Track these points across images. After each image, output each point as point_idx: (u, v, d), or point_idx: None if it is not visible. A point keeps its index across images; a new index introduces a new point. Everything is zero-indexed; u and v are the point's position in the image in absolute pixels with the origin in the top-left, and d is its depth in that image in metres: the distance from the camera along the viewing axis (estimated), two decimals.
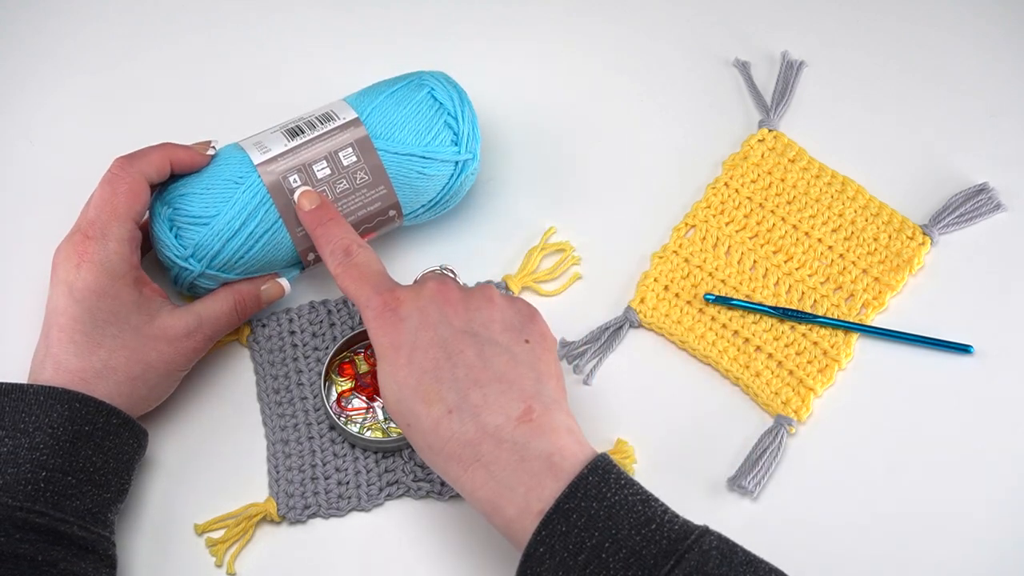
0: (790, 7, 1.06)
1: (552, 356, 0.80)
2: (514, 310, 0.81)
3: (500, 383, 0.76)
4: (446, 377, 0.76)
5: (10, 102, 1.02)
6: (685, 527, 0.72)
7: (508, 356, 0.77)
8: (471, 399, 0.75)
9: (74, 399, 0.79)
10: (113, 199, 0.83)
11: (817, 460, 0.88)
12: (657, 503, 0.74)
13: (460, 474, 0.75)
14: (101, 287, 0.82)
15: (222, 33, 1.05)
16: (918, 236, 0.95)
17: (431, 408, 0.76)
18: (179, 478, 0.87)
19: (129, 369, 0.82)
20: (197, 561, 0.85)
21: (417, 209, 0.91)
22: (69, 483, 0.78)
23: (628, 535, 0.71)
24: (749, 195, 0.97)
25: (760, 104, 1.01)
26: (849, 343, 0.91)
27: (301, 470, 0.87)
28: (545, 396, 0.76)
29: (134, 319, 0.83)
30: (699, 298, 0.93)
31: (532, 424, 0.75)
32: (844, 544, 0.78)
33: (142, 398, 0.84)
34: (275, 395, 0.90)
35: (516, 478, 0.73)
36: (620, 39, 1.05)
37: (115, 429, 0.80)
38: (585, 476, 0.73)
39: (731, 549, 0.72)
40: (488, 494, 0.74)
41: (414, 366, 0.77)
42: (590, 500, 0.72)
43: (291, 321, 0.92)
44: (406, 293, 0.80)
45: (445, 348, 0.77)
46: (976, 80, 1.02)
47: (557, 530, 0.72)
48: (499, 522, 0.74)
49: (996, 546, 0.85)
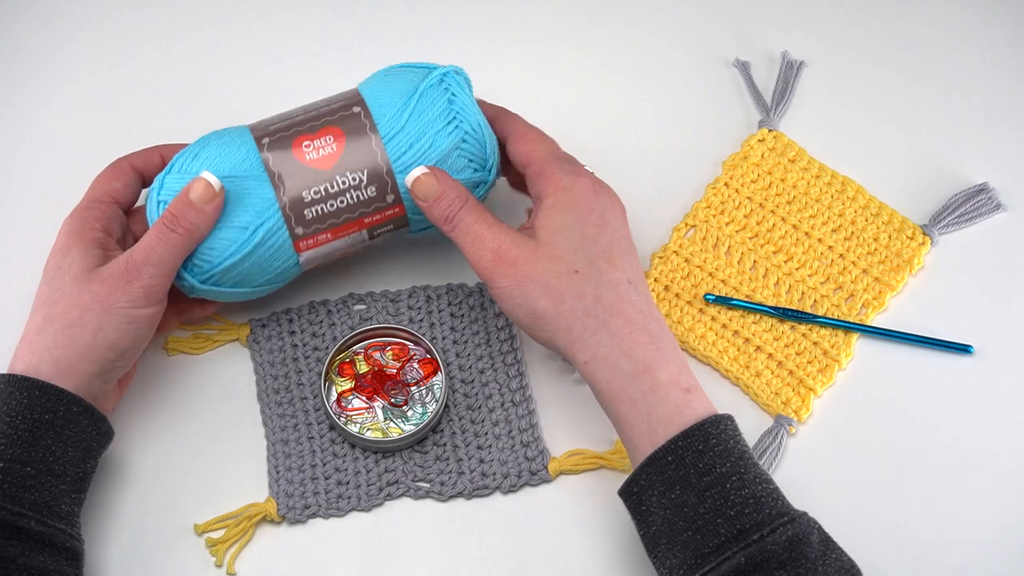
0: (791, 8, 1.06)
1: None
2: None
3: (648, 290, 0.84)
4: (628, 256, 0.84)
5: (10, 102, 1.02)
6: (791, 504, 0.77)
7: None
8: (641, 286, 0.83)
9: (33, 387, 0.78)
10: (92, 185, 0.87)
11: (817, 460, 0.88)
12: (774, 480, 0.78)
13: (626, 331, 0.80)
14: (57, 248, 0.83)
15: (222, 33, 1.05)
16: (918, 236, 0.95)
17: (615, 271, 0.82)
18: (179, 478, 0.87)
19: (67, 316, 0.81)
20: (197, 561, 0.85)
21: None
22: (28, 474, 0.77)
23: (753, 480, 0.76)
24: (749, 195, 0.97)
25: (760, 104, 1.01)
26: (849, 343, 0.91)
27: (301, 470, 0.87)
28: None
29: (76, 268, 0.82)
30: (699, 298, 0.93)
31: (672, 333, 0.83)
32: (844, 543, 0.78)
33: (86, 346, 0.80)
34: (275, 395, 0.90)
35: (672, 356, 0.80)
36: (620, 39, 1.05)
37: (75, 417, 0.79)
38: (727, 418, 0.79)
39: (828, 536, 0.77)
40: (649, 355, 0.79)
41: (608, 230, 0.83)
42: (728, 436, 0.78)
43: (291, 321, 0.92)
44: (596, 184, 0.86)
45: (627, 240, 0.85)
46: (976, 80, 1.03)
47: (694, 446, 0.77)
48: (647, 382, 0.79)
49: (996, 546, 0.85)
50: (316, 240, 0.86)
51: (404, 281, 0.94)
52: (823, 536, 0.76)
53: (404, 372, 0.90)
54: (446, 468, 0.88)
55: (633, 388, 0.79)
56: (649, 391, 0.79)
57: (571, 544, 0.85)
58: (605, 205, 0.84)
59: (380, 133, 0.85)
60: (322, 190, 0.84)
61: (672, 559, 0.76)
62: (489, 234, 0.83)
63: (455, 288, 0.93)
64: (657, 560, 0.78)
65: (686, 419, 0.78)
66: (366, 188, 0.85)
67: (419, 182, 0.84)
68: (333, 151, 0.85)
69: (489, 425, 0.89)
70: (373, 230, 0.87)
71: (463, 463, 0.88)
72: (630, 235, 0.85)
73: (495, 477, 0.87)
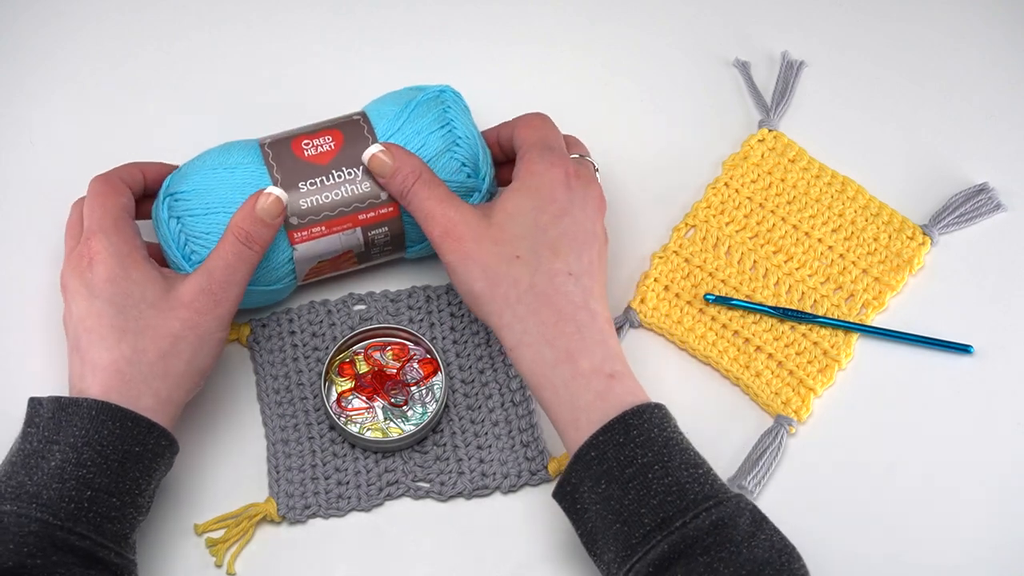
0: (791, 8, 1.06)
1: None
2: (606, 260, 0.88)
3: (601, 289, 0.84)
4: (576, 251, 0.83)
5: (10, 102, 1.01)
6: (725, 487, 0.77)
7: (604, 276, 0.85)
8: (585, 281, 0.82)
9: (127, 417, 0.78)
10: (100, 201, 0.84)
11: (817, 460, 0.88)
12: (706, 462, 0.78)
13: (552, 320, 0.81)
14: (114, 274, 0.81)
15: (222, 33, 1.05)
16: (918, 236, 0.95)
17: (556, 262, 0.82)
18: (179, 478, 0.87)
19: (158, 346, 0.80)
20: (197, 561, 0.85)
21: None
22: (113, 504, 0.76)
23: (677, 467, 0.76)
24: (749, 195, 0.97)
25: (760, 104, 1.01)
26: (849, 343, 0.91)
27: (301, 470, 0.87)
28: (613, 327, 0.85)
29: (150, 294, 0.81)
30: (699, 298, 0.93)
31: (611, 329, 0.83)
32: (844, 544, 0.78)
33: (181, 375, 0.81)
34: (275, 395, 0.90)
35: (598, 347, 0.80)
36: (620, 39, 1.05)
37: (162, 450, 0.80)
38: (651, 406, 0.79)
39: (763, 517, 0.76)
40: (573, 344, 0.80)
41: (564, 221, 0.83)
42: (652, 425, 0.77)
43: (291, 321, 0.92)
44: (581, 175, 0.87)
45: (588, 235, 0.84)
46: (976, 80, 1.02)
47: (614, 439, 0.77)
48: (567, 370, 0.79)
49: (996, 545, 0.85)
50: (310, 232, 0.87)
51: (404, 281, 0.94)
52: (756, 518, 0.75)
53: (404, 372, 0.90)
54: (446, 468, 0.88)
55: (555, 376, 0.80)
56: (570, 379, 0.79)
57: (571, 544, 0.85)
58: (573, 198, 0.84)
59: (377, 134, 0.88)
60: (318, 182, 0.87)
61: (607, 554, 0.77)
62: (439, 209, 0.84)
63: (455, 288, 0.93)
64: (596, 557, 0.78)
65: (609, 406, 0.78)
66: (361, 183, 0.87)
67: (374, 159, 0.86)
68: (330, 149, 0.87)
69: (489, 425, 0.89)
70: (368, 229, 0.88)
71: (463, 463, 0.88)
72: (597, 231, 0.85)
73: (495, 477, 0.87)
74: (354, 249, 0.89)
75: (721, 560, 0.73)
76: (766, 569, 0.73)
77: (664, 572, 0.74)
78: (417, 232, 0.90)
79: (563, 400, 0.80)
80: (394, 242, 0.90)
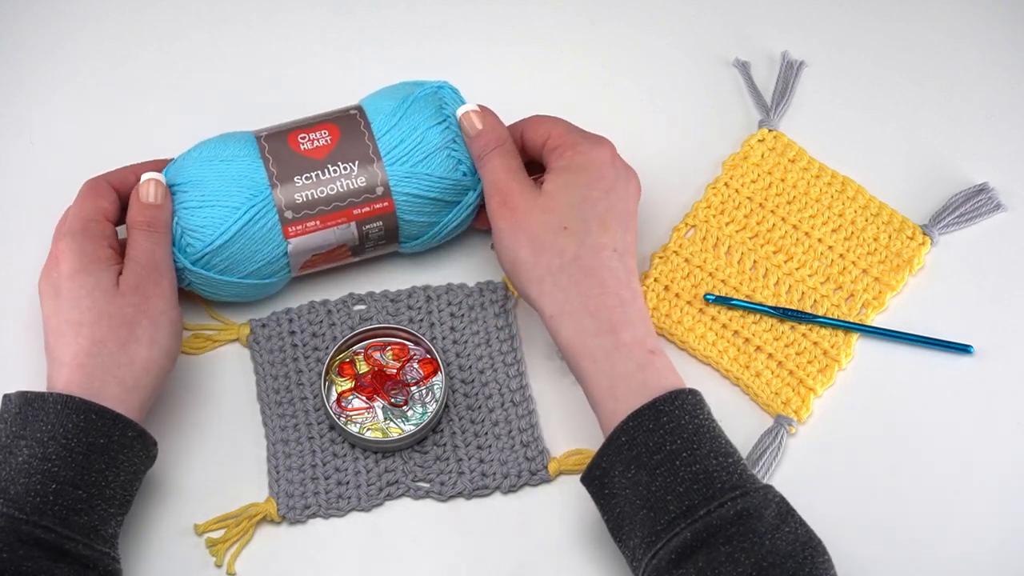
0: (791, 8, 1.06)
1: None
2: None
3: (636, 274, 0.85)
4: (622, 228, 0.85)
5: (10, 102, 1.02)
6: (754, 477, 0.77)
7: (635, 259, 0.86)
8: (628, 261, 0.84)
9: (90, 410, 0.78)
10: (79, 205, 0.86)
11: (817, 460, 0.88)
12: (737, 451, 0.78)
13: (596, 292, 0.82)
14: (74, 270, 0.82)
15: (222, 33, 1.05)
16: (918, 236, 0.95)
17: (603, 236, 0.83)
18: (179, 478, 0.87)
19: (117, 335, 0.81)
20: (197, 561, 0.85)
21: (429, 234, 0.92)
22: (79, 497, 0.77)
23: (706, 455, 0.76)
24: (749, 195, 0.97)
25: (760, 104, 1.01)
26: (849, 343, 0.91)
27: (301, 470, 0.87)
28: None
29: (103, 285, 0.82)
30: (699, 298, 0.93)
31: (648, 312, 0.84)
32: (844, 544, 0.78)
33: (146, 359, 0.82)
34: (275, 395, 0.90)
35: (640, 322, 0.81)
36: (620, 39, 1.05)
37: (129, 442, 0.79)
38: (684, 392, 0.79)
39: (789, 510, 0.76)
40: (615, 316, 0.81)
41: (611, 198, 0.85)
42: (683, 412, 0.78)
43: (291, 321, 0.92)
44: (619, 160, 0.89)
45: (631, 216, 0.86)
46: (976, 80, 1.02)
47: (645, 425, 0.77)
48: (609, 341, 0.80)
49: (996, 545, 0.85)
50: (305, 227, 0.87)
51: (404, 281, 0.94)
52: (783, 510, 0.76)
53: (404, 372, 0.90)
54: (446, 468, 0.88)
55: (596, 345, 0.81)
56: (612, 349, 0.80)
57: (571, 544, 0.85)
58: (619, 175, 0.86)
59: (373, 129, 0.88)
60: (313, 176, 0.87)
61: (632, 539, 0.77)
62: (504, 179, 0.86)
63: (455, 288, 0.93)
64: (621, 543, 0.79)
65: (648, 379, 0.79)
66: (356, 178, 0.87)
67: (466, 116, 0.88)
68: (327, 143, 0.88)
69: (489, 425, 0.89)
70: (362, 224, 0.88)
71: (463, 463, 0.88)
72: (636, 212, 0.87)
73: (495, 477, 0.87)
74: (348, 243, 0.89)
75: (743, 550, 0.73)
76: (788, 562, 0.73)
77: (686, 560, 0.74)
78: (411, 228, 0.90)
79: (602, 368, 0.80)
80: (388, 236, 0.90)
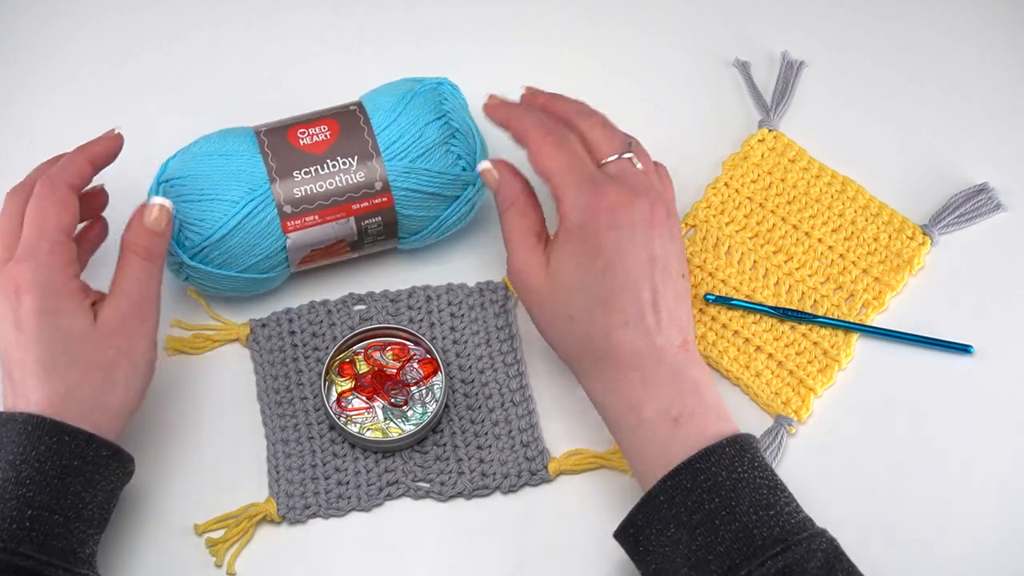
0: (791, 8, 1.06)
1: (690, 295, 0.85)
2: (680, 243, 0.84)
3: (669, 311, 0.81)
4: (630, 295, 0.80)
5: (10, 102, 1.02)
6: (802, 523, 0.75)
7: (673, 287, 0.82)
8: (647, 320, 0.80)
9: (63, 432, 0.76)
10: (39, 219, 0.80)
11: (817, 460, 0.88)
12: (784, 494, 0.77)
13: (612, 374, 0.80)
14: (41, 308, 0.77)
15: (222, 33, 1.05)
16: (918, 236, 0.95)
17: (610, 315, 0.80)
18: (179, 478, 0.87)
19: (92, 380, 0.78)
20: (197, 561, 0.85)
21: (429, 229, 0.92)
22: (56, 522, 0.75)
23: (745, 511, 0.75)
24: (749, 195, 0.97)
25: (760, 104, 1.01)
26: (849, 343, 0.91)
27: (301, 470, 0.87)
28: (692, 331, 0.83)
29: (79, 326, 0.78)
30: (699, 298, 0.93)
31: (688, 353, 0.81)
32: (844, 544, 0.77)
33: (120, 403, 0.80)
34: (275, 395, 0.90)
35: (665, 389, 0.79)
36: (620, 39, 1.05)
37: (104, 461, 0.78)
38: (722, 445, 0.77)
39: (837, 556, 0.75)
40: (635, 394, 0.79)
41: (610, 274, 0.80)
42: (720, 468, 0.76)
43: (291, 321, 0.92)
44: (622, 198, 0.81)
45: (641, 271, 0.80)
46: (976, 80, 1.02)
47: (682, 484, 0.76)
48: (632, 420, 0.79)
49: (997, 546, 0.85)
50: (304, 221, 0.87)
51: (404, 281, 0.94)
52: (829, 559, 0.74)
53: (404, 372, 0.90)
54: (446, 468, 0.88)
55: (621, 426, 0.80)
56: (636, 428, 0.79)
57: (571, 544, 0.85)
58: (620, 237, 0.80)
59: (373, 125, 0.88)
60: (312, 171, 0.87)
61: None
62: (515, 246, 0.84)
63: (455, 288, 0.93)
64: None
65: (672, 457, 0.77)
66: (355, 173, 0.88)
67: (483, 174, 0.86)
68: (326, 138, 0.88)
69: (489, 425, 0.89)
70: (361, 219, 0.88)
71: (463, 463, 0.88)
72: (654, 253, 0.81)
73: (495, 477, 0.87)
74: (347, 238, 0.89)
75: None
76: None
77: None
78: (410, 223, 0.90)
79: (628, 450, 0.80)
80: (387, 231, 0.90)
